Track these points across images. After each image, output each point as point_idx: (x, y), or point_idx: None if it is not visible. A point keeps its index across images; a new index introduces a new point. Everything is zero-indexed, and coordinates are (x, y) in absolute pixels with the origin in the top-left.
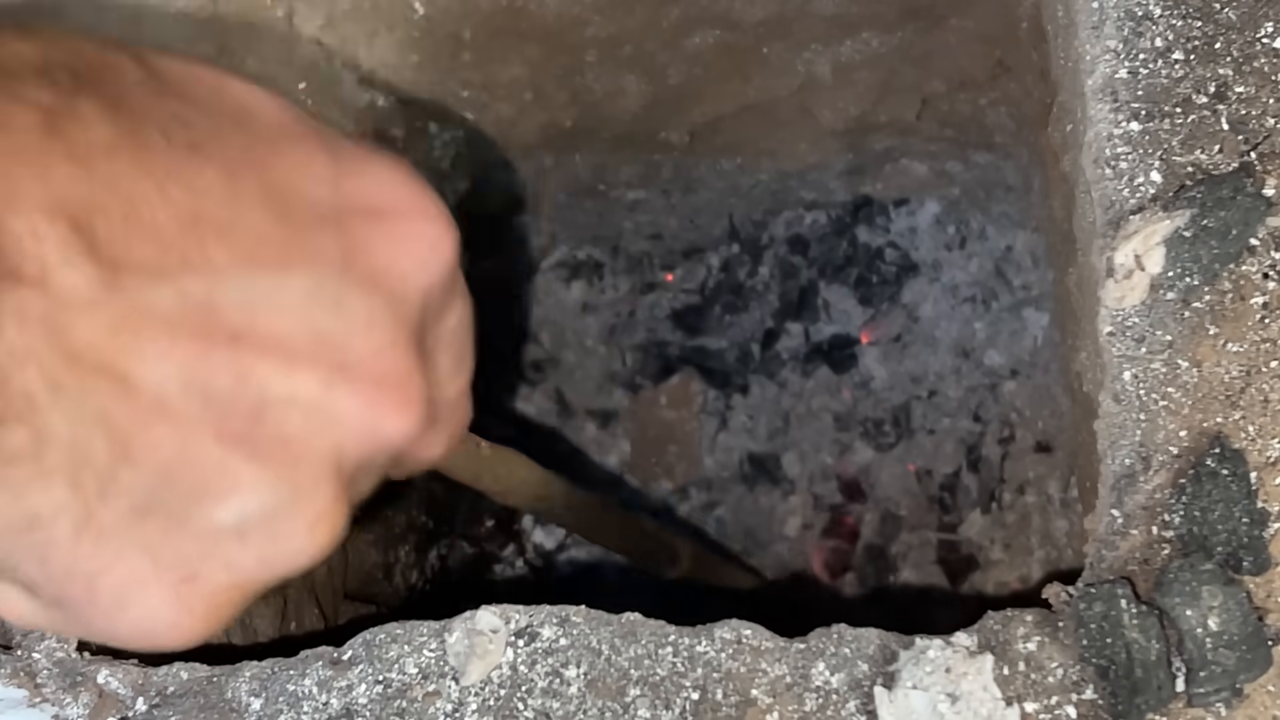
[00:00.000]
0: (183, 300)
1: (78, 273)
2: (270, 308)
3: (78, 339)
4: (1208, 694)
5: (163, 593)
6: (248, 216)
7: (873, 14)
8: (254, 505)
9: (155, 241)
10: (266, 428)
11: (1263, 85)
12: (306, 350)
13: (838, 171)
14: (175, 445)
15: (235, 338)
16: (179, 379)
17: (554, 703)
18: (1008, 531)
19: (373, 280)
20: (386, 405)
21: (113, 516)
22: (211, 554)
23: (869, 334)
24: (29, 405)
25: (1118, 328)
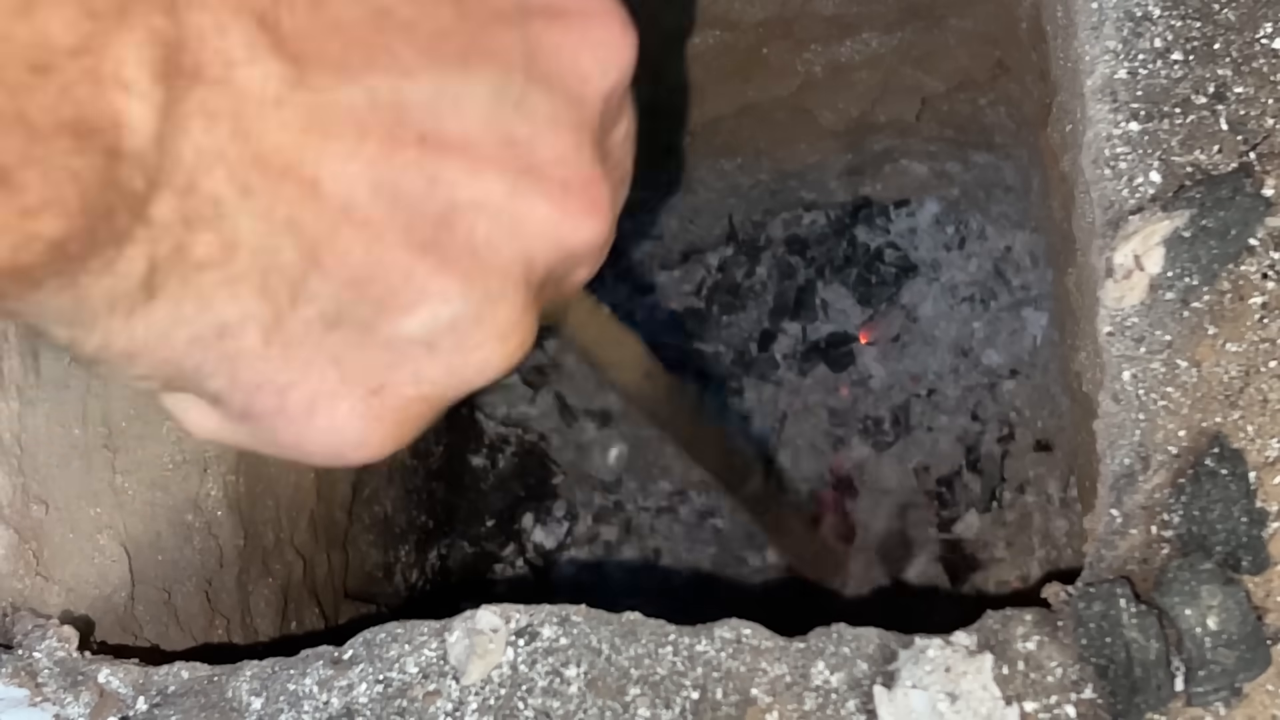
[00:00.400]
0: (370, 99)
1: (264, 70)
2: (456, 108)
3: (265, 140)
4: (1207, 693)
5: (351, 404)
6: (432, 13)
7: (872, 14)
8: (443, 315)
9: (342, 37)
10: (455, 234)
11: (1262, 86)
12: (493, 153)
13: (837, 172)
14: (364, 251)
15: (423, 139)
16: (367, 182)
17: (554, 702)
18: (1008, 530)
19: (555, 81)
20: (575, 209)
21: (302, 326)
22: (400, 365)
23: (867, 334)
24: (217, 210)
25: (1117, 328)
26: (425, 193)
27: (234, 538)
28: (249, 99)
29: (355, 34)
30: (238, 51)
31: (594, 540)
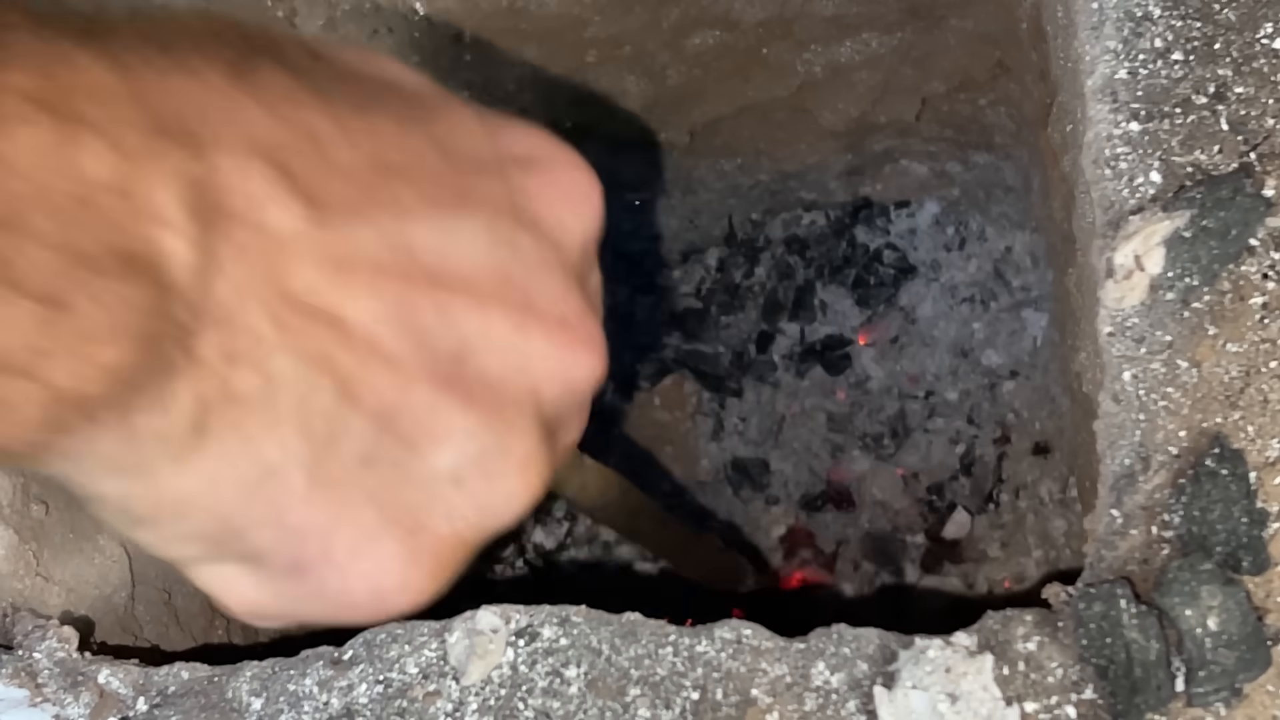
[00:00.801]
0: (383, 239)
1: (286, 210)
2: (457, 248)
3: (294, 278)
4: (1207, 694)
5: (393, 546)
6: (423, 162)
7: (872, 14)
8: (469, 449)
9: (349, 181)
10: (470, 370)
11: (1262, 86)
12: (494, 291)
13: (837, 172)
14: (394, 389)
15: (432, 277)
16: (389, 319)
17: (554, 702)
18: (1005, 532)
19: (540, 226)
20: (575, 346)
21: (341, 466)
22: (432, 503)
23: (866, 336)
24: (257, 346)
25: (1117, 328)
26: (441, 329)
27: None
28: (275, 237)
29: (359, 178)
30: (260, 191)
31: (593, 540)
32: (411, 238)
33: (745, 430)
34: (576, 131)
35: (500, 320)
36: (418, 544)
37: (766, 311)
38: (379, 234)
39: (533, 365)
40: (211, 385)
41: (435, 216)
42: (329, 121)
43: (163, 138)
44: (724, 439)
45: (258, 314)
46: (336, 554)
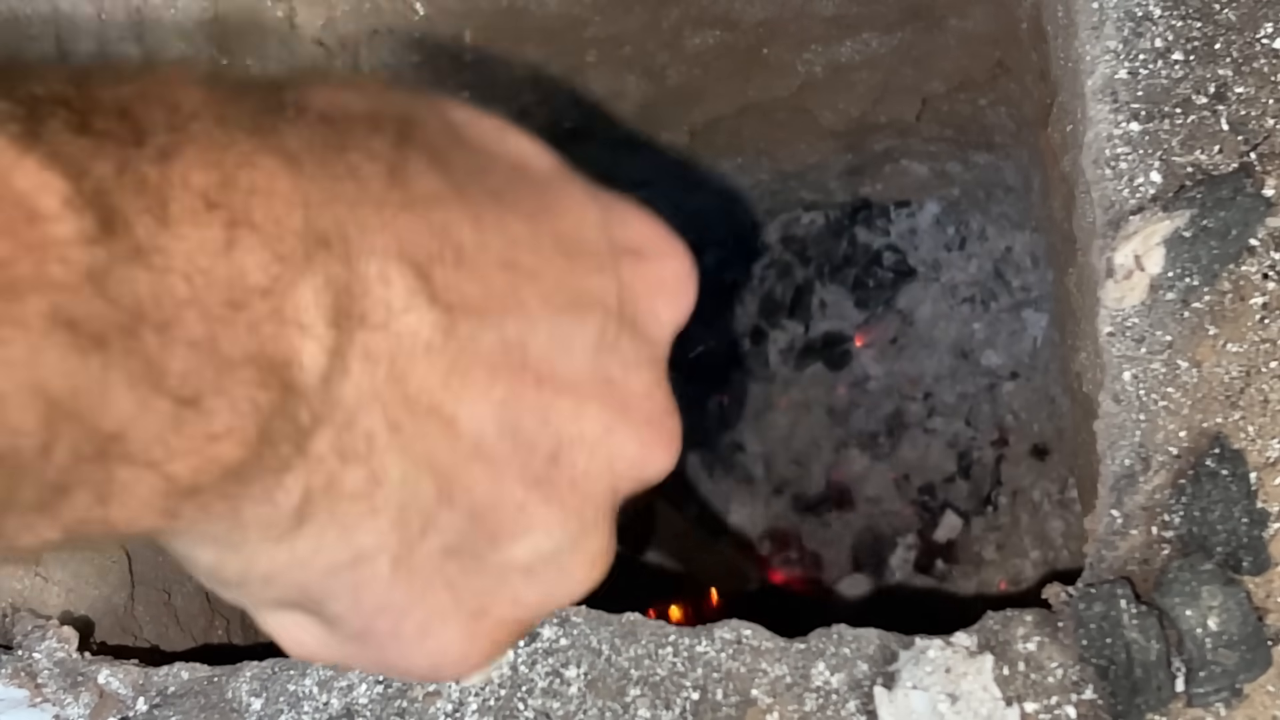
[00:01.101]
0: (502, 343)
1: (420, 318)
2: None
3: (414, 382)
4: (1207, 694)
5: (459, 627)
6: (547, 262)
7: (872, 14)
8: (547, 544)
9: (480, 285)
10: (560, 469)
11: (1262, 86)
12: (593, 392)
13: (837, 172)
14: (487, 486)
15: (540, 379)
16: (495, 421)
17: (554, 703)
18: (1001, 534)
19: (639, 322)
20: (656, 445)
21: (425, 555)
22: (502, 590)
23: (863, 338)
24: (369, 446)
25: (1117, 328)
26: (539, 430)
27: None
28: (405, 344)
29: (489, 281)
30: (399, 300)
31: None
32: (527, 340)
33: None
34: (576, 132)
35: (595, 421)
36: (481, 627)
37: (768, 310)
38: (500, 337)
39: (616, 464)
40: (320, 480)
41: (552, 319)
42: (468, 222)
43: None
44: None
45: (375, 416)
46: (406, 632)
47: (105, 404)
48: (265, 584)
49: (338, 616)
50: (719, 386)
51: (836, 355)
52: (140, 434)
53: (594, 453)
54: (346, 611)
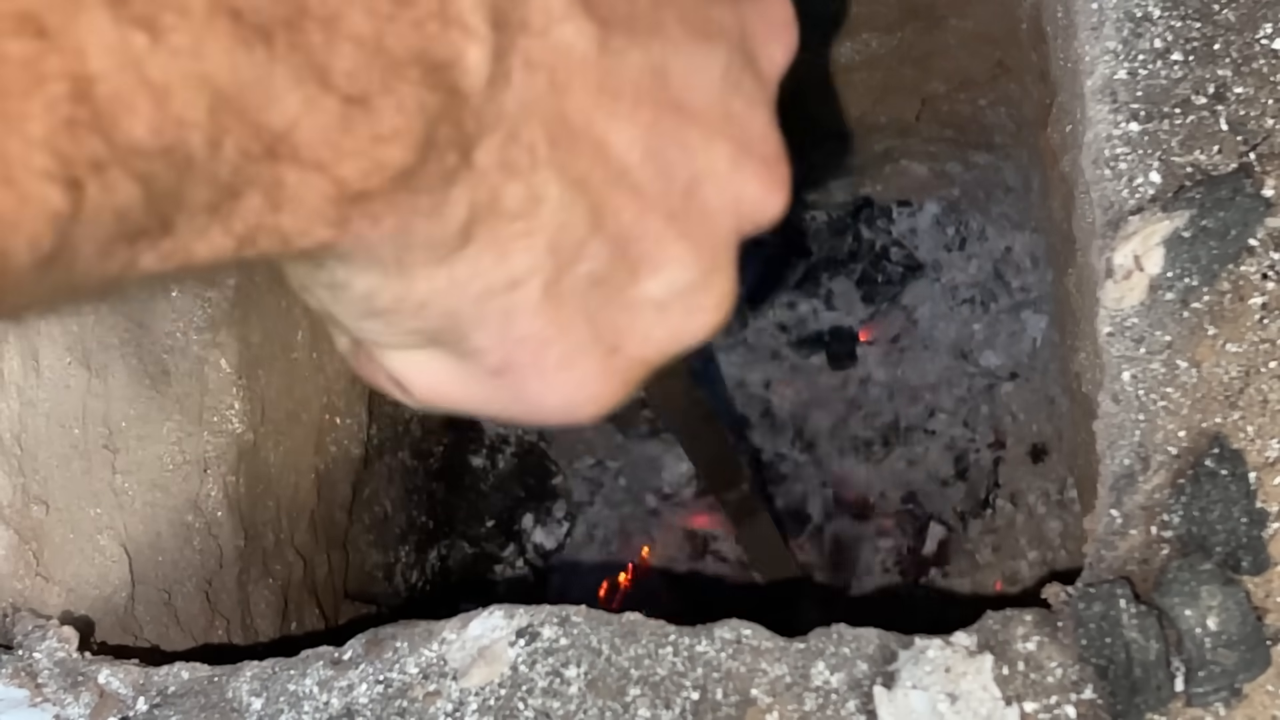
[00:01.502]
0: (648, 65)
1: (577, 28)
2: (700, 80)
3: (571, 97)
4: (1207, 694)
5: (595, 362)
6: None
7: (872, 14)
8: (681, 280)
9: (629, 4)
10: (693, 203)
11: (1261, 86)
12: (722, 126)
13: (837, 172)
14: (632, 214)
15: (679, 107)
16: (641, 146)
17: (554, 702)
18: (997, 536)
19: (756, 61)
20: (775, 184)
21: (573, 283)
22: (635, 326)
23: (868, 333)
24: (531, 161)
25: (1117, 328)
26: (678, 160)
27: (234, 538)
28: (563, 55)
29: (638, 5)
30: (557, 9)
31: (593, 541)
32: (668, 65)
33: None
34: None
35: (724, 156)
36: (614, 363)
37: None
38: (646, 59)
39: (741, 203)
40: (484, 194)
41: (689, 46)
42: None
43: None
44: None
45: (536, 129)
46: (547, 363)
47: (272, 100)
48: (418, 312)
49: (480, 349)
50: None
51: (843, 352)
52: (308, 133)
53: (723, 189)
54: (491, 342)
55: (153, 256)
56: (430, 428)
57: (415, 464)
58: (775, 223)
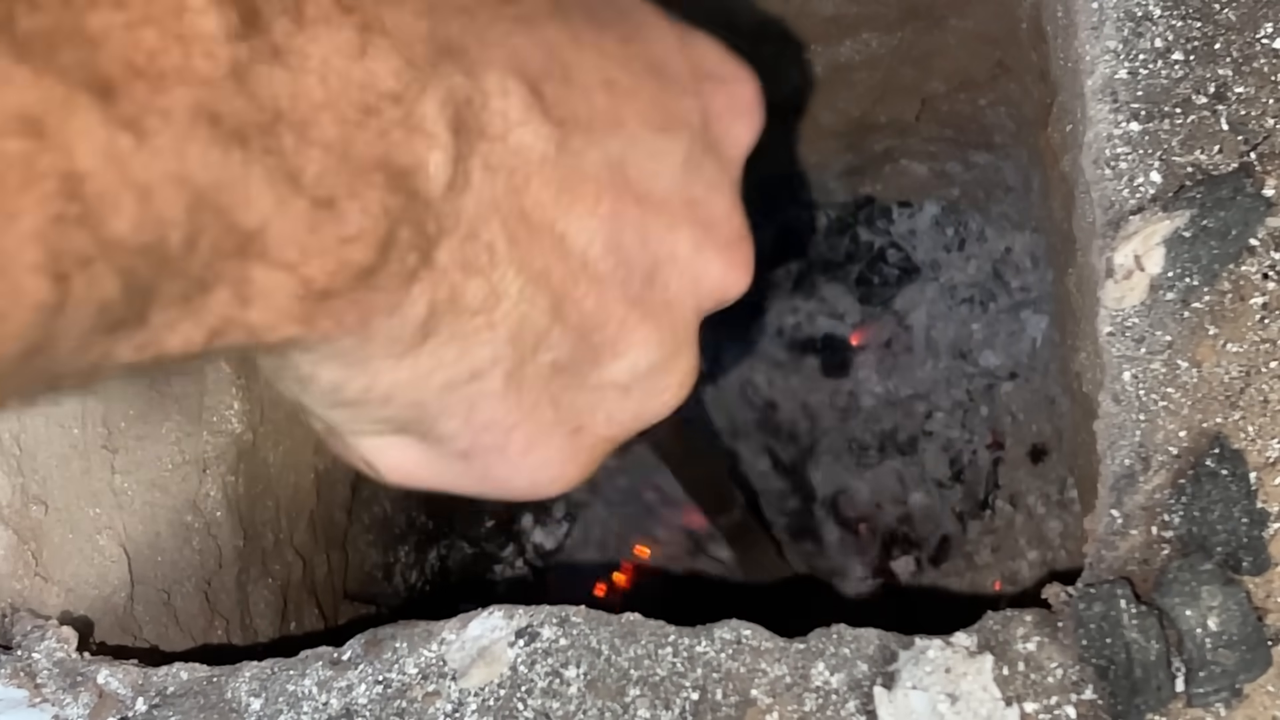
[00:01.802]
0: (606, 161)
1: (535, 132)
2: (660, 169)
3: (529, 196)
4: (1207, 694)
5: (560, 443)
6: (644, 82)
7: (872, 14)
8: (643, 363)
9: (587, 103)
10: (655, 289)
11: (1262, 86)
12: (683, 212)
13: (837, 172)
14: (594, 304)
15: (640, 198)
16: (601, 238)
17: (554, 703)
18: (996, 537)
19: (718, 145)
20: (737, 265)
21: (535, 371)
22: (599, 407)
23: (859, 336)
24: (490, 258)
25: (1117, 328)
26: (639, 249)
27: (233, 538)
28: (522, 157)
29: (594, 99)
30: (516, 113)
31: (592, 541)
32: (628, 159)
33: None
34: None
35: (686, 241)
36: (578, 443)
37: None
38: (605, 155)
39: (701, 284)
40: (444, 292)
41: (649, 138)
42: (571, 41)
43: (444, 54)
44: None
45: (495, 228)
46: (512, 447)
47: (246, 199)
48: (383, 403)
49: (447, 435)
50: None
51: (836, 362)
52: (277, 232)
53: (684, 272)
54: (457, 428)
55: (128, 348)
56: None
57: None
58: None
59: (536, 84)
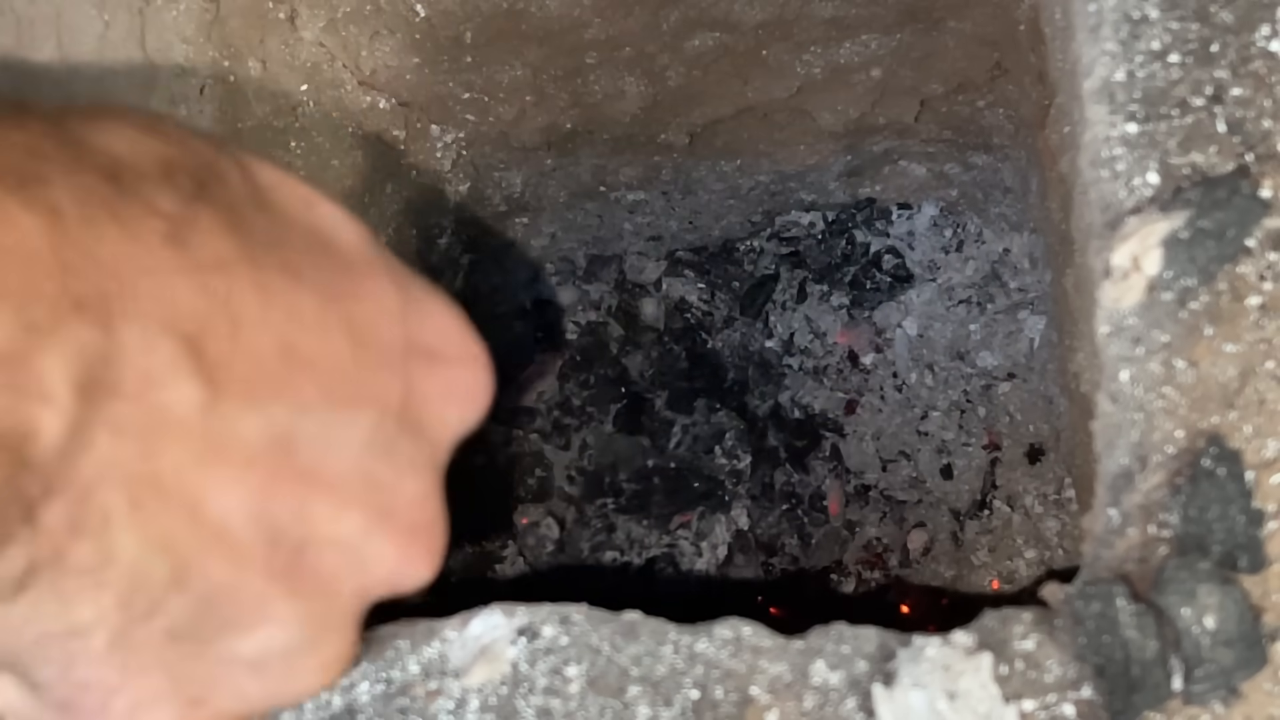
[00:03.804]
0: (267, 430)
1: (181, 392)
2: (335, 447)
3: (163, 459)
4: (1204, 692)
5: (172, 712)
6: (333, 350)
7: (871, 16)
8: (280, 640)
9: (255, 367)
10: (306, 565)
11: (1259, 88)
12: (358, 494)
13: (836, 173)
14: (225, 575)
15: (302, 475)
16: (245, 509)
17: (555, 701)
18: (993, 537)
19: (421, 427)
20: (416, 554)
21: (146, 636)
22: (225, 681)
23: (845, 336)
24: (104, 523)
25: (1115, 328)
26: (292, 524)
27: None
28: (160, 419)
29: (266, 363)
30: (160, 371)
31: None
32: (295, 431)
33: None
34: (576, 132)
35: (355, 523)
36: (197, 715)
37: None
38: (266, 424)
39: (369, 569)
40: (46, 551)
41: (326, 413)
42: (255, 294)
43: (74, 309)
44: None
45: (114, 492)
46: (114, 709)
47: None
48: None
49: (43, 685)
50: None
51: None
52: None
53: (348, 555)
54: (54, 680)
55: None
56: None
57: None
58: (421, 586)
59: (194, 339)
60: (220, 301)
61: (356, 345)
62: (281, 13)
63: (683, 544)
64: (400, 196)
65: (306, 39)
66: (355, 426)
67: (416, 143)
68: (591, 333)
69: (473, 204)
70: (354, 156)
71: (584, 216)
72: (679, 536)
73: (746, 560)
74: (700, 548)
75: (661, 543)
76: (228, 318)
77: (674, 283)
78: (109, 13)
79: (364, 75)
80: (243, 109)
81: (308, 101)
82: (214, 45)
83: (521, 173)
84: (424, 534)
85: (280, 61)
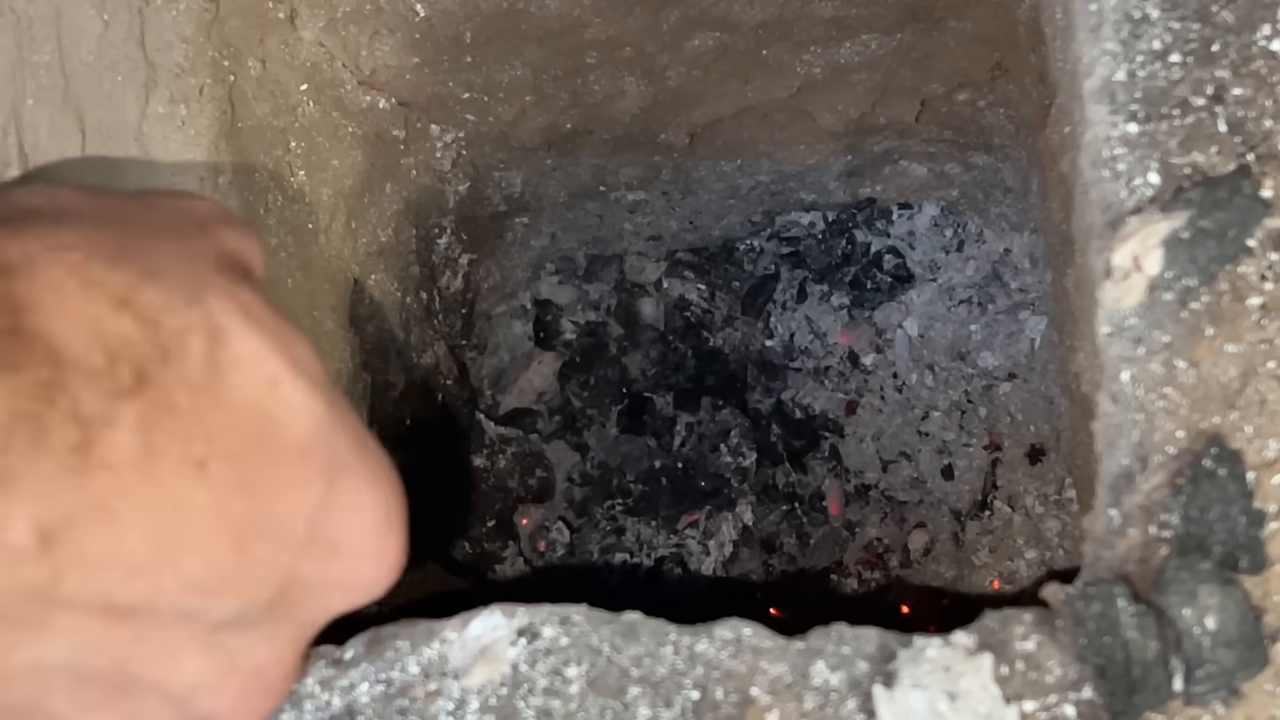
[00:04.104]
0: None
1: (22, 574)
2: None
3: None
4: (1205, 692)
5: None
6: (211, 550)
7: (871, 16)
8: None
9: (113, 555)
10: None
11: (1260, 88)
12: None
13: (837, 173)
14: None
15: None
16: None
17: (555, 701)
18: (994, 537)
19: (293, 611)
20: (253, 704)
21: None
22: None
23: (845, 336)
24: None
25: (1116, 328)
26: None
27: None
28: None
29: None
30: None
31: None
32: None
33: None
34: (577, 133)
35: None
36: None
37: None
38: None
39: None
40: None
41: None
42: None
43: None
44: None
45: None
46: None
47: None
48: None
49: None
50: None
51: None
52: None
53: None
54: None
55: None
56: (431, 428)
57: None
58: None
59: (51, 531)
60: (96, 501)
61: (240, 545)
62: (281, 12)
63: (690, 544)
64: (400, 196)
65: (306, 39)
66: (212, 610)
67: (416, 143)
68: (591, 333)
69: (473, 204)
70: (354, 156)
71: (584, 216)
72: (687, 536)
73: (751, 555)
74: (708, 546)
75: (670, 543)
76: (99, 512)
77: (674, 283)
78: (109, 13)
79: (364, 75)
80: (242, 109)
81: (308, 101)
82: (214, 45)
83: (521, 173)
84: (261, 689)
85: (280, 61)
